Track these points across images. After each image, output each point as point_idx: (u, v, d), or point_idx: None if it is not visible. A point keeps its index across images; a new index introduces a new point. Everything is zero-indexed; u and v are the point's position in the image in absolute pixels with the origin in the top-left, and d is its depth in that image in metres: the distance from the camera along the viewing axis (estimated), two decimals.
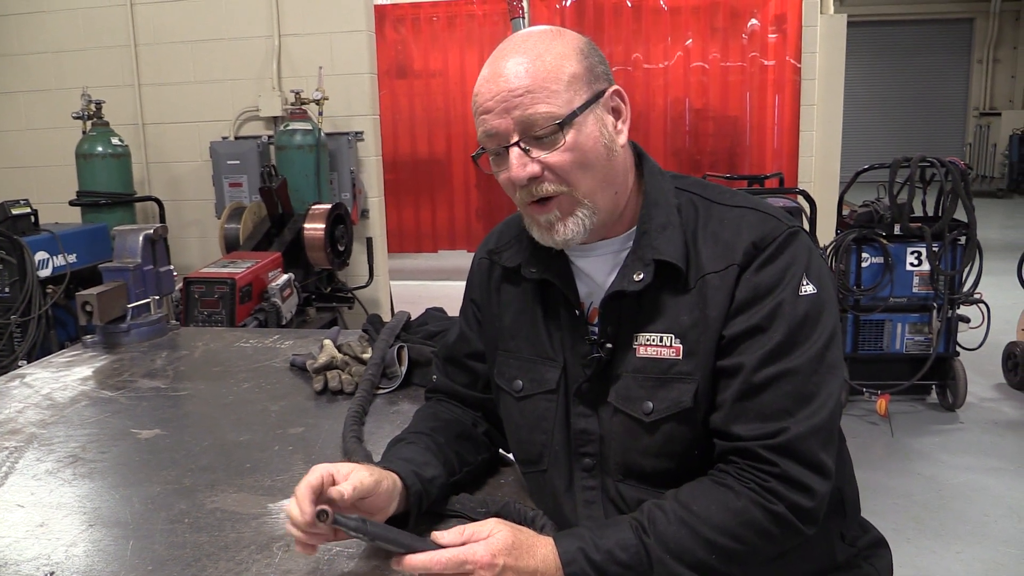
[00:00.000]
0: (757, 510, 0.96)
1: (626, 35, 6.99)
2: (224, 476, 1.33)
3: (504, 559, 0.93)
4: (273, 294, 3.35)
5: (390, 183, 7.45)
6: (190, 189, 4.70)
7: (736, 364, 1.00)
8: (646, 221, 1.08)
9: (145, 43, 4.60)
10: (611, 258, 1.11)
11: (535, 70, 1.02)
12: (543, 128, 1.01)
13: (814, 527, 0.98)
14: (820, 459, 0.98)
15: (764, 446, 0.97)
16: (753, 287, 1.02)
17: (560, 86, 1.02)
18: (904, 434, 3.78)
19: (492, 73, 1.04)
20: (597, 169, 1.06)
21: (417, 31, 7.49)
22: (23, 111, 4.82)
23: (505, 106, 1.02)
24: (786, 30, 6.63)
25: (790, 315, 1.00)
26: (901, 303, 3.95)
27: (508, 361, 1.19)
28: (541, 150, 1.03)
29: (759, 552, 0.97)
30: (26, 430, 1.55)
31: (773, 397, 0.98)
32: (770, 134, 6.91)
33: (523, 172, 1.02)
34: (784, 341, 0.99)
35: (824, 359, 1.00)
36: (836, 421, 1.01)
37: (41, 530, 1.16)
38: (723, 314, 1.02)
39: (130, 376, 1.88)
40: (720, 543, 0.96)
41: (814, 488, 0.97)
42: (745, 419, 0.99)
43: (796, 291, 1.01)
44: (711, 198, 1.10)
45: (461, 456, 1.22)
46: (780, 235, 1.03)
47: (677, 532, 0.96)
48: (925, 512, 3.03)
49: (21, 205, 3.57)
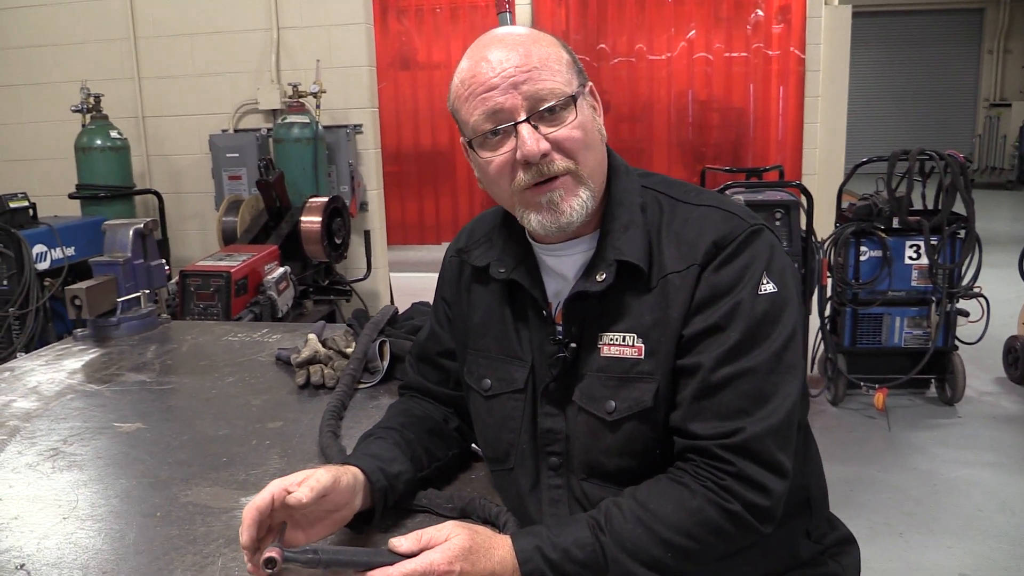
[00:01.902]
0: (713, 509, 0.96)
1: (629, 26, 6.96)
2: (200, 470, 1.34)
3: (460, 565, 0.93)
4: (269, 287, 3.37)
5: (393, 175, 7.46)
6: (190, 182, 4.72)
7: (695, 363, 1.01)
8: (609, 221, 1.09)
9: (145, 36, 4.61)
10: (580, 257, 1.11)
11: (538, 51, 1.04)
12: (555, 101, 1.02)
13: (771, 526, 0.99)
14: (777, 459, 0.98)
15: (720, 445, 0.97)
16: (712, 286, 1.02)
17: (562, 66, 1.05)
18: (901, 428, 3.77)
19: (487, 56, 1.04)
20: (596, 151, 1.07)
21: (420, 22, 7.48)
22: (23, 104, 4.84)
23: (513, 81, 1.02)
24: (790, 20, 6.59)
25: (749, 314, 1.00)
26: (900, 297, 3.94)
27: (477, 360, 1.19)
28: (549, 126, 1.03)
29: (715, 550, 0.98)
30: (10, 423, 1.57)
31: (730, 397, 0.99)
32: (774, 126, 6.88)
33: (538, 147, 1.01)
34: (742, 340, 0.99)
35: (783, 358, 1.00)
36: (794, 421, 1.01)
37: (15, 523, 1.18)
38: (683, 313, 1.02)
39: (117, 370, 1.90)
40: (675, 542, 0.96)
41: (770, 488, 0.97)
42: (702, 418, 1.00)
43: (755, 289, 1.01)
44: (676, 197, 1.10)
45: (430, 452, 1.23)
46: (741, 234, 1.03)
47: (633, 530, 0.97)
48: (918, 506, 3.03)
49: (19, 198, 3.59)
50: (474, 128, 1.05)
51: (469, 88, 1.05)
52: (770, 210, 3.63)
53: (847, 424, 3.87)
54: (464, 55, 1.08)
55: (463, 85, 1.06)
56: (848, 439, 3.71)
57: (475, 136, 1.06)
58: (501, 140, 1.04)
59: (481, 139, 1.06)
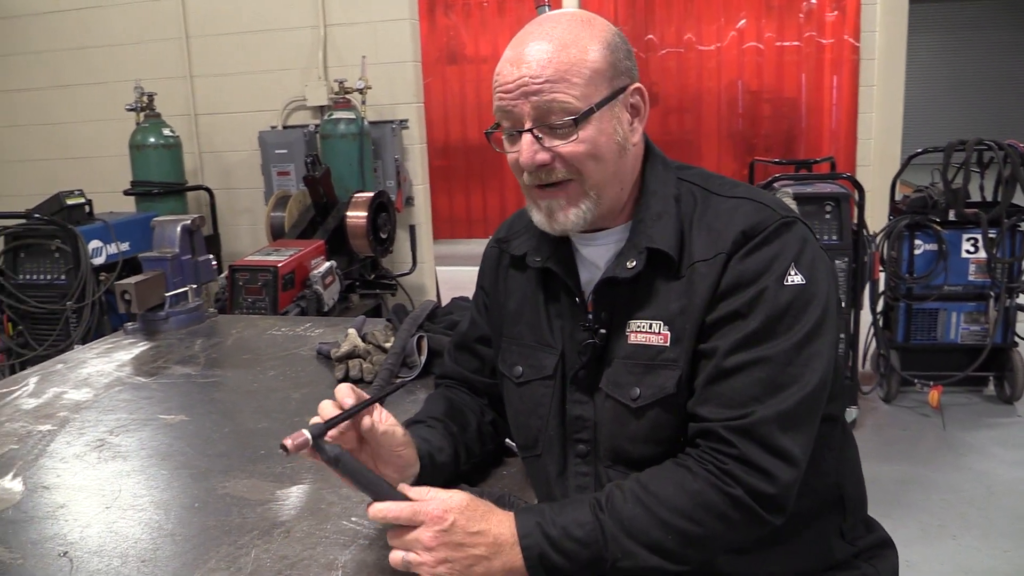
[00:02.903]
0: (714, 492, 0.96)
1: (678, 16, 6.87)
2: (238, 463, 1.37)
3: (455, 516, 0.95)
4: (315, 281, 3.42)
5: (442, 169, 7.51)
6: (241, 178, 4.81)
7: (712, 348, 1.01)
8: (642, 210, 1.10)
9: (196, 35, 4.71)
10: (614, 246, 1.12)
11: (558, 59, 1.03)
12: (561, 117, 1.03)
13: (779, 516, 0.97)
14: (782, 444, 0.96)
15: (726, 427, 0.97)
16: (738, 274, 1.01)
17: (580, 79, 1.03)
18: (957, 427, 3.66)
19: (515, 55, 1.05)
20: (607, 163, 1.07)
21: (467, 16, 7.51)
22: (80, 103, 4.99)
23: (524, 91, 1.03)
24: (845, 8, 6.43)
25: (771, 303, 0.99)
26: (956, 291, 3.82)
27: (511, 347, 1.22)
28: (554, 139, 1.04)
29: (719, 537, 0.97)
30: (60, 414, 1.62)
31: (743, 383, 0.98)
32: (827, 116, 6.73)
33: (533, 159, 1.04)
34: (760, 328, 0.99)
35: (803, 351, 0.99)
36: (808, 410, 0.99)
37: (61, 511, 1.22)
38: (707, 300, 1.02)
39: (164, 363, 1.95)
40: (675, 524, 0.96)
41: (775, 474, 0.95)
42: (713, 402, 0.99)
43: (781, 280, 1.00)
44: (711, 189, 1.10)
45: (469, 449, 1.25)
46: (771, 224, 1.03)
47: (633, 511, 0.97)
48: (972, 508, 2.94)
49: (76, 195, 3.70)
50: (496, 118, 1.09)
51: (495, 83, 1.08)
52: (820, 203, 3.54)
53: (900, 422, 3.77)
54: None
55: (495, 76, 1.08)
56: (901, 437, 3.62)
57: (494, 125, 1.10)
58: (513, 138, 1.08)
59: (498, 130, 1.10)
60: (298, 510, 1.19)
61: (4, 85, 5.13)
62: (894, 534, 1.22)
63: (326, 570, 1.04)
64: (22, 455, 1.42)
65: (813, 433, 1.01)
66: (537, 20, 1.09)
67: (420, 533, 0.95)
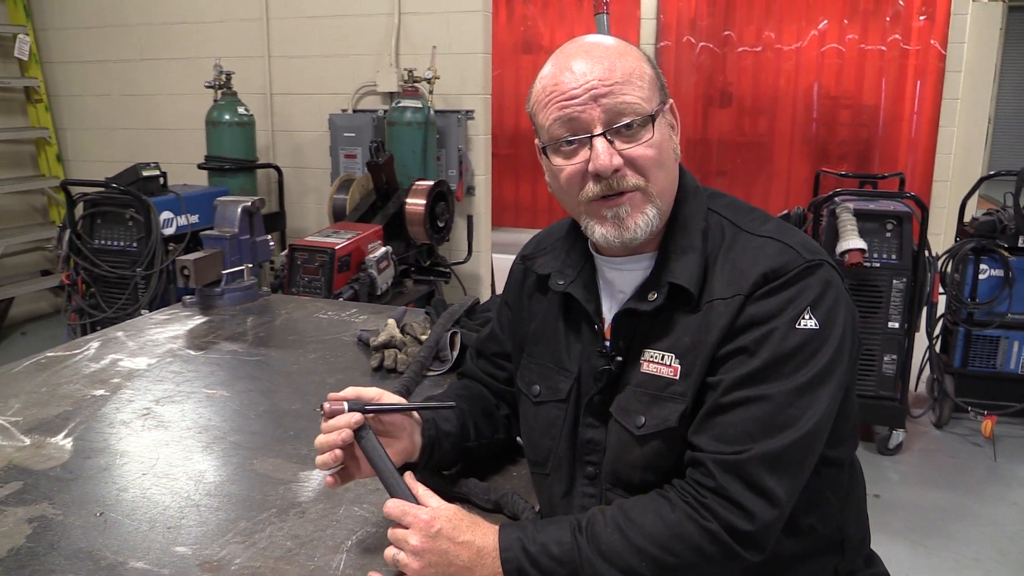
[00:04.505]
0: (691, 524, 0.97)
1: (759, 13, 6.74)
2: (268, 441, 1.45)
3: (442, 524, 1.01)
4: (370, 265, 3.51)
5: (509, 158, 7.57)
6: (310, 158, 4.96)
7: (716, 381, 1.02)
8: (670, 242, 1.10)
9: (277, 17, 4.85)
10: (640, 274, 1.13)
11: (622, 65, 1.05)
12: (633, 118, 1.03)
13: (756, 553, 0.98)
14: (767, 485, 0.97)
15: (714, 460, 0.98)
16: (751, 316, 1.02)
17: (644, 83, 1.06)
18: (1008, 459, 3.55)
19: (571, 66, 1.05)
20: (669, 171, 1.09)
21: (545, 7, 7.53)
22: (165, 77, 5.20)
23: (594, 94, 1.03)
24: (934, 14, 6.21)
25: (778, 344, 1.00)
26: (1020, 320, 3.70)
27: (530, 366, 1.24)
28: (625, 142, 1.04)
29: (692, 568, 0.98)
30: (114, 380, 1.74)
31: (740, 418, 0.99)
32: (906, 126, 6.53)
33: (611, 162, 1.03)
34: (763, 367, 0.99)
35: (804, 395, 0.99)
36: (799, 454, 1.00)
37: (104, 474, 1.32)
38: (719, 339, 1.03)
39: (215, 338, 2.05)
40: (651, 552, 0.98)
41: (754, 512, 0.96)
42: (708, 434, 1.01)
43: (793, 322, 1.00)
44: (740, 225, 1.10)
45: (479, 428, 1.30)
46: (794, 268, 1.02)
47: (611, 536, 0.99)
48: (1012, 545, 2.86)
49: (151, 167, 3.88)
50: (550, 134, 1.08)
51: (550, 95, 1.06)
52: (881, 220, 3.47)
53: (949, 449, 3.68)
54: (548, 60, 1.10)
55: (544, 91, 1.08)
56: (949, 465, 3.53)
57: (550, 142, 1.08)
58: (575, 149, 1.06)
59: (555, 146, 1.08)
60: (316, 493, 1.27)
61: (97, 55, 5.39)
62: (927, 563, 1.22)
63: (332, 551, 1.11)
64: (75, 416, 1.54)
65: (802, 477, 1.01)
66: (576, 42, 1.10)
67: (409, 535, 1.01)
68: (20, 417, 1.53)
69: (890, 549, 2.66)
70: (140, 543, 1.12)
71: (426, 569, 1.00)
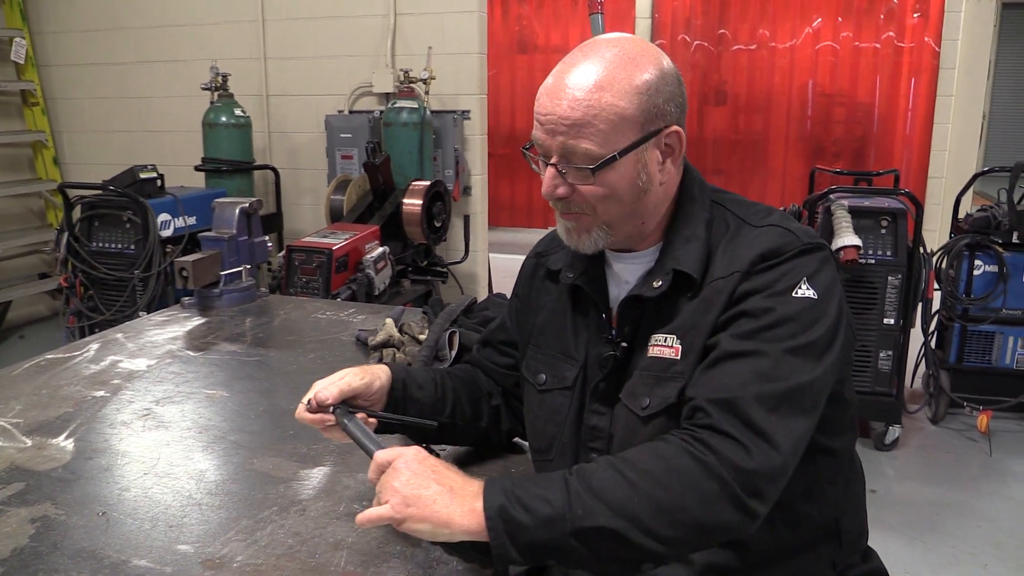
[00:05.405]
0: (687, 457, 0.95)
1: (753, 11, 6.75)
2: (268, 441, 1.47)
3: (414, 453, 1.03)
4: (367, 265, 3.52)
5: (505, 157, 7.59)
6: (306, 159, 4.97)
7: (714, 342, 1.05)
8: (673, 233, 1.15)
9: (272, 19, 4.86)
10: (645, 265, 1.18)
11: (588, 102, 1.05)
12: (583, 163, 1.08)
13: (758, 501, 0.94)
14: (763, 424, 0.96)
15: (708, 400, 0.99)
16: (749, 287, 1.05)
17: (607, 126, 1.06)
18: (1004, 454, 3.58)
19: (555, 86, 1.09)
20: (624, 204, 1.12)
21: (540, 6, 7.54)
22: (159, 80, 5.21)
23: (553, 128, 1.08)
24: (928, 11, 6.23)
25: (777, 311, 1.02)
26: (1015, 316, 3.72)
27: (536, 355, 1.28)
28: (575, 177, 1.10)
29: (689, 509, 0.93)
30: (114, 382, 1.75)
31: (735, 369, 1.00)
32: (901, 123, 6.55)
33: (553, 191, 1.12)
34: (761, 326, 1.02)
35: (798, 357, 1.00)
36: (796, 400, 0.99)
37: (105, 474, 1.33)
38: (718, 315, 1.06)
39: (214, 339, 2.06)
40: (643, 486, 0.94)
41: (751, 449, 0.95)
42: (704, 385, 1.02)
43: (790, 290, 1.03)
44: (744, 218, 1.14)
45: (456, 406, 1.33)
46: (792, 249, 1.06)
47: (603, 473, 0.97)
48: (1009, 539, 2.88)
49: (148, 170, 3.89)
50: (532, 139, 1.15)
51: (536, 105, 1.12)
52: (876, 217, 3.49)
53: (945, 444, 3.70)
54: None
55: (536, 99, 1.13)
56: (944, 460, 3.55)
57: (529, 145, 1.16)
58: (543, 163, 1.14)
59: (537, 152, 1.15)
60: (316, 490, 1.28)
61: (93, 59, 5.39)
62: (924, 558, 1.23)
63: (333, 548, 1.12)
64: (76, 418, 1.55)
65: (800, 429, 0.99)
66: (585, 48, 1.11)
67: (387, 476, 1.01)
68: (21, 419, 1.54)
69: (887, 544, 2.68)
70: (143, 542, 1.13)
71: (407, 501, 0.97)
